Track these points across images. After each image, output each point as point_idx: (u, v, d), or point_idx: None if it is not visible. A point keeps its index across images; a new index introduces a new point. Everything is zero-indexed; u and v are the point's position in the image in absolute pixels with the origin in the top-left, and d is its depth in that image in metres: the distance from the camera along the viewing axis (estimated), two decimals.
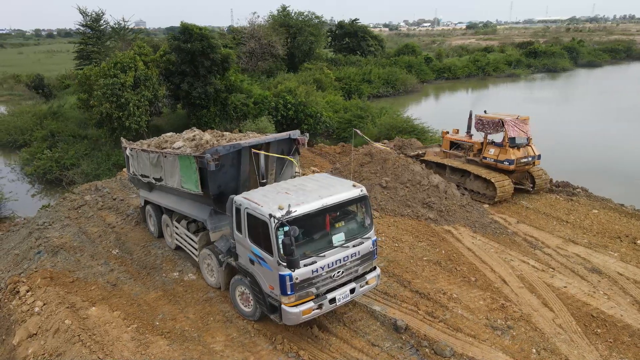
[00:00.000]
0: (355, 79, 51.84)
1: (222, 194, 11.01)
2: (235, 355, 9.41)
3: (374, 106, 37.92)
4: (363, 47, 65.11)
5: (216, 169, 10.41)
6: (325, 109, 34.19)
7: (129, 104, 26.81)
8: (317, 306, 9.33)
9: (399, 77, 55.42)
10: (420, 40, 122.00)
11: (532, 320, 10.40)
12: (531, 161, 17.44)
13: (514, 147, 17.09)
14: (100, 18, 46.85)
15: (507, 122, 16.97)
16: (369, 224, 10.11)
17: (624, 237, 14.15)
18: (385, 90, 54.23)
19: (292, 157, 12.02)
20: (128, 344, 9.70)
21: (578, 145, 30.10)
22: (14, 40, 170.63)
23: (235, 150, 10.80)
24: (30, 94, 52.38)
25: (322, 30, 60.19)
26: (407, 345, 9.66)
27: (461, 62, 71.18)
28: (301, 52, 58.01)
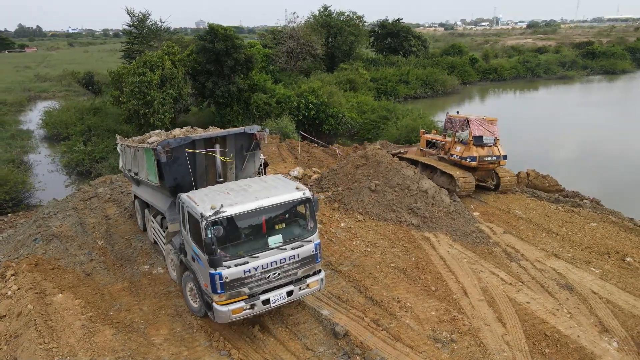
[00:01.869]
0: (392, 79, 51.34)
1: (179, 186, 11.30)
2: (172, 349, 9.71)
3: (402, 108, 37.35)
4: (405, 47, 64.29)
5: (169, 161, 10.75)
6: (350, 110, 34.10)
7: (154, 101, 27.97)
8: (249, 306, 9.45)
9: (438, 78, 54.15)
10: (472, 40, 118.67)
11: (480, 335, 10.00)
12: (496, 160, 18.10)
13: (478, 145, 17.94)
14: (146, 19, 48.99)
15: (472, 121, 18.00)
16: (311, 228, 10.10)
17: (613, 253, 13.25)
18: (423, 92, 53.23)
19: (250, 152, 12.06)
20: (77, 331, 10.24)
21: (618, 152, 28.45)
22: (83, 39, 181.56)
23: (191, 144, 11.06)
24: (84, 90, 55.78)
25: (363, 30, 59.95)
26: (341, 351, 9.58)
27: (509, 63, 68.66)
28: (341, 52, 58.13)
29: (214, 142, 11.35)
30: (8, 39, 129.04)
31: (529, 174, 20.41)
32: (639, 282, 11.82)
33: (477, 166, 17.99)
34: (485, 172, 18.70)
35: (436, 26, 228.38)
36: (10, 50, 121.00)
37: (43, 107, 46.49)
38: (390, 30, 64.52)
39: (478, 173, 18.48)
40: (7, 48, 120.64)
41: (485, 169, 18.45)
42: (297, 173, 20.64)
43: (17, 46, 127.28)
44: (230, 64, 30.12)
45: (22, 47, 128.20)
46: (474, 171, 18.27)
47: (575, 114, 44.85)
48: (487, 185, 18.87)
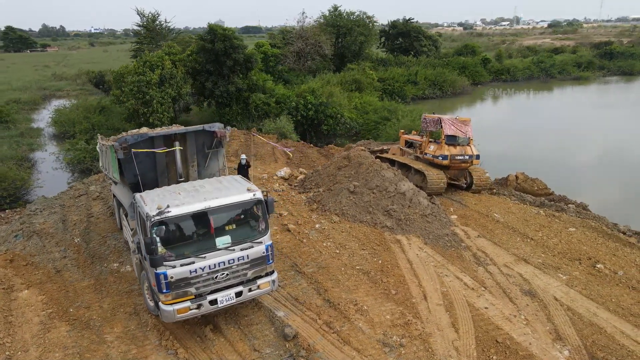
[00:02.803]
0: (400, 80, 50.91)
1: (139, 182, 11.44)
2: (121, 347, 9.84)
3: (405, 108, 37.06)
4: (416, 48, 63.72)
5: (127, 157, 10.89)
6: (350, 111, 33.98)
7: (153, 100, 28.34)
8: (196, 306, 9.52)
9: (447, 78, 53.58)
10: (489, 40, 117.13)
11: (430, 340, 9.89)
12: (468, 160, 18.36)
13: (450, 144, 18.29)
14: (155, 19, 49.70)
15: (444, 120, 18.31)
16: (263, 229, 10.12)
17: (585, 259, 12.95)
18: (431, 92, 52.74)
19: (211, 150, 12.07)
20: (34, 327, 10.45)
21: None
22: (104, 39, 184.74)
23: (149, 141, 11.18)
24: (96, 90, 56.82)
25: (373, 30, 59.68)
26: (287, 353, 9.58)
27: (523, 63, 67.51)
28: (350, 52, 57.96)
29: (173, 140, 11.43)
30: (30, 39, 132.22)
31: (518, 176, 20.10)
32: (604, 290, 11.54)
33: (449, 165, 18.32)
34: (458, 171, 18.97)
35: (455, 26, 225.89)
36: (33, 49, 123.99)
37: (55, 105, 47.57)
38: (401, 30, 64.09)
39: (451, 172, 18.75)
40: (29, 47, 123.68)
41: (458, 168, 18.72)
42: (284, 173, 20.66)
43: (39, 46, 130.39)
44: (229, 64, 30.33)
45: (44, 46, 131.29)
46: (447, 170, 18.55)
47: (586, 115, 43.92)
48: (459, 184, 18.97)
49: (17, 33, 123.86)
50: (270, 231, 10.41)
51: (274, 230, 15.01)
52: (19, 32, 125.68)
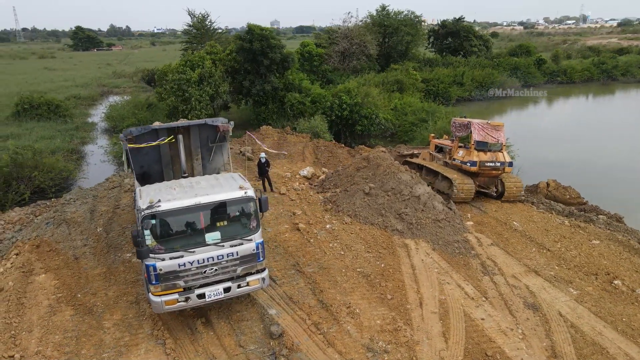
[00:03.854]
0: (445, 81, 49.68)
1: (146, 174, 11.88)
2: (116, 334, 10.29)
3: (445, 110, 36.14)
4: (466, 48, 61.97)
5: (133, 149, 11.34)
6: (386, 111, 33.55)
7: (192, 98, 29.26)
8: (184, 299, 9.78)
9: (495, 79, 51.76)
10: (550, 40, 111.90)
11: (417, 348, 9.65)
12: (499, 167, 17.52)
13: (480, 150, 17.45)
14: (205, 19, 51.24)
15: (473, 125, 17.52)
16: (254, 227, 10.23)
17: (603, 274, 12.16)
18: (478, 94, 51.16)
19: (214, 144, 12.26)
20: (42, 309, 11.12)
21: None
22: (165, 39, 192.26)
23: (154, 134, 11.57)
24: (149, 87, 59.36)
25: (420, 29, 58.69)
26: (270, 352, 9.66)
27: (582, 64, 64.01)
28: (397, 52, 57.31)
29: (177, 133, 11.75)
30: (97, 38, 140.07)
31: (549, 184, 19.14)
32: (617, 308, 10.80)
33: (478, 171, 17.50)
34: (489, 178, 18.01)
35: (515, 25, 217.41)
36: (99, 48, 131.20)
37: (111, 101, 50.11)
38: (450, 30, 62.50)
39: (480, 179, 17.87)
40: (96, 46, 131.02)
41: (488, 176, 17.83)
42: (307, 173, 20.76)
43: (105, 45, 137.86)
44: (266, 63, 30.78)
45: (109, 45, 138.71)
46: (475, 177, 17.68)
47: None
48: (489, 193, 18.02)
49: (85, 33, 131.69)
50: (271, 230, 10.51)
51: (284, 229, 15.16)
52: (87, 32, 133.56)
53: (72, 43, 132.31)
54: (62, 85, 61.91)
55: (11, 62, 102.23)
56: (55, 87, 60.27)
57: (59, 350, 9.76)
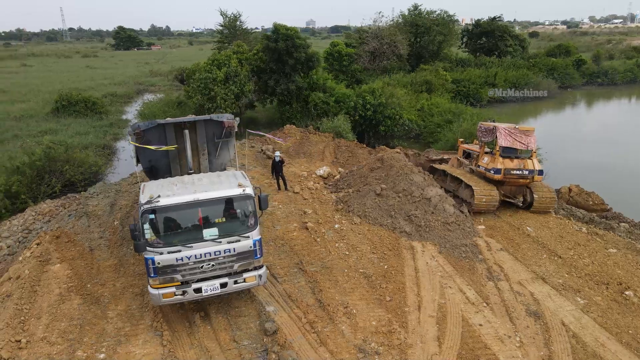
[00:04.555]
0: (477, 81, 48.70)
1: (154, 168, 12.23)
2: (118, 324, 10.64)
3: (472, 112, 35.46)
4: (500, 48, 60.54)
5: (140, 143, 11.68)
6: (409, 112, 33.18)
7: (217, 97, 29.82)
8: (181, 293, 10.03)
9: (529, 80, 50.34)
10: (593, 39, 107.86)
11: (409, 351, 9.57)
12: (527, 175, 16.24)
13: (506, 157, 16.28)
14: (237, 19, 52.06)
15: (499, 129, 16.39)
16: (251, 224, 10.37)
17: (615, 284, 11.69)
18: (510, 95, 49.90)
19: (220, 139, 12.45)
20: (52, 297, 11.61)
21: None
22: (203, 38, 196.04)
23: (161, 128, 11.88)
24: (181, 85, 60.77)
25: (453, 29, 57.78)
26: (262, 348, 9.78)
27: (625, 65, 61.43)
28: (428, 52, 56.64)
29: (183, 128, 12.03)
30: (138, 38, 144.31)
31: (572, 189, 18.52)
32: (625, 319, 10.37)
33: (503, 180, 16.32)
34: (516, 187, 16.85)
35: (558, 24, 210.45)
36: (139, 48, 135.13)
37: (145, 99, 51.58)
38: (485, 29, 61.20)
39: (505, 188, 16.74)
40: (136, 46, 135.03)
41: (514, 184, 16.64)
42: (323, 172, 20.81)
43: (145, 44, 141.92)
44: (290, 62, 31.03)
45: (149, 45, 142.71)
46: (500, 185, 16.61)
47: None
48: (515, 202, 16.91)
49: (126, 33, 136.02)
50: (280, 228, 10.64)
51: (292, 227, 15.27)
52: (128, 32, 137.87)
53: (114, 42, 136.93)
54: (101, 83, 64.17)
55: (57, 60, 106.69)
56: (94, 84, 62.54)
57: (63, 337, 10.18)
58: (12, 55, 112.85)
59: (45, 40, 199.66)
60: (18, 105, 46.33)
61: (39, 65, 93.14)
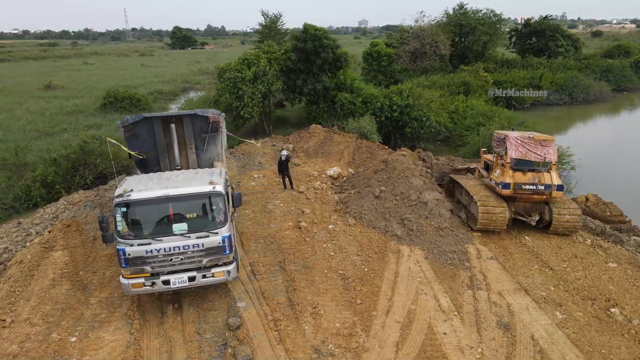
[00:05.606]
0: (520, 83, 46.86)
1: (144, 160, 12.75)
2: (97, 310, 11.20)
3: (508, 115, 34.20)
4: (551, 48, 57.81)
5: (128, 135, 12.24)
6: (438, 114, 32.44)
7: (245, 95, 30.46)
8: (150, 284, 10.43)
9: (579, 82, 47.84)
10: None
11: (364, 355, 9.50)
12: (543, 191, 14.20)
13: (518, 170, 14.42)
14: (277, 19, 52.80)
15: (509, 139, 14.64)
16: (221, 221, 10.62)
17: (603, 300, 11.02)
18: (557, 98, 47.68)
19: (207, 134, 12.73)
20: (45, 282, 12.39)
21: None
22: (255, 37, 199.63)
23: (149, 122, 12.35)
24: None
25: (499, 29, 55.84)
26: (222, 342, 10.01)
27: None
28: (472, 52, 55.09)
29: (169, 122, 12.44)
30: (192, 37, 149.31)
31: (589, 198, 17.54)
32: (601, 338, 9.78)
33: (513, 195, 14.44)
34: (531, 204, 14.81)
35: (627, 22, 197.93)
36: (194, 47, 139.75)
37: (189, 97, 53.41)
38: (534, 29, 58.66)
39: (518, 204, 14.82)
40: (190, 45, 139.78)
41: (528, 201, 14.65)
42: (333, 172, 20.82)
43: (200, 44, 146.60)
44: (318, 62, 31.15)
45: (203, 44, 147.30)
46: (512, 201, 14.75)
47: None
48: (528, 221, 14.65)
49: (182, 32, 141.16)
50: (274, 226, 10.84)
51: (287, 226, 15.43)
52: (184, 32, 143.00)
53: (171, 42, 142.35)
54: (152, 81, 66.98)
55: (116, 59, 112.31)
56: (145, 82, 65.42)
57: (44, 319, 10.85)
58: (76, 54, 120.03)
59: (110, 39, 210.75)
60: (72, 101, 49.16)
61: (99, 63, 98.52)
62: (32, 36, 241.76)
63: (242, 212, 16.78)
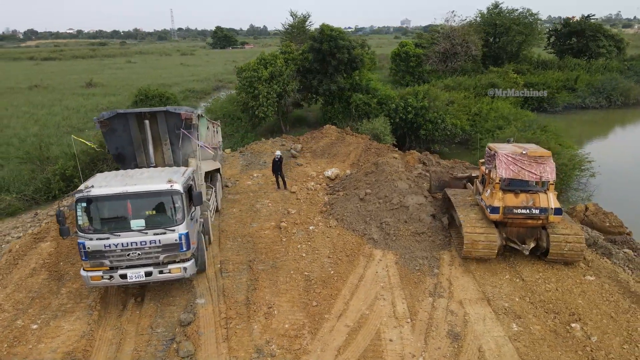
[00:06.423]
0: (553, 85, 45.07)
1: (121, 155, 13.17)
2: (64, 300, 11.68)
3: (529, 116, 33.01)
4: (592, 49, 55.26)
5: (104, 130, 12.68)
6: (456, 117, 31.66)
7: (260, 95, 30.83)
8: (108, 277, 10.79)
9: (618, 85, 45.51)
10: None
11: (303, 357, 9.50)
12: (538, 215, 12.22)
13: (510, 190, 12.43)
14: (306, 19, 52.99)
15: (499, 156, 12.52)
16: (179, 219, 10.85)
17: (567, 314, 10.52)
18: (594, 101, 45.54)
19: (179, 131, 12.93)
20: (26, 271, 13.03)
21: None
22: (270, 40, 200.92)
23: (124, 118, 12.72)
24: None
25: (536, 29, 53.91)
26: (170, 336, 10.24)
27: None
28: (506, 53, 53.50)
29: (143, 118, 12.76)
30: (233, 37, 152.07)
31: (588, 207, 16.73)
32: (552, 353, 9.33)
33: (502, 220, 12.56)
34: (525, 229, 12.84)
35: None
36: (234, 46, 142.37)
37: (220, 95, 54.56)
38: (574, 29, 56.26)
39: (510, 230, 12.87)
40: (231, 44, 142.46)
41: (521, 226, 12.73)
42: (331, 173, 20.78)
43: (240, 43, 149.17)
44: (333, 63, 31.13)
45: (243, 44, 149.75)
46: (503, 227, 12.87)
47: None
48: (521, 250, 12.76)
49: (223, 32, 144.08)
50: (256, 225, 11.06)
51: (268, 225, 15.56)
52: (225, 32, 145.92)
53: (212, 41, 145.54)
54: (187, 80, 68.74)
55: (158, 58, 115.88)
56: (181, 80, 67.22)
57: (14, 306, 11.43)
58: (122, 53, 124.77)
59: (157, 39, 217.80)
60: (108, 98, 51.17)
61: (142, 62, 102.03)
62: (85, 36, 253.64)
63: (229, 210, 17.06)
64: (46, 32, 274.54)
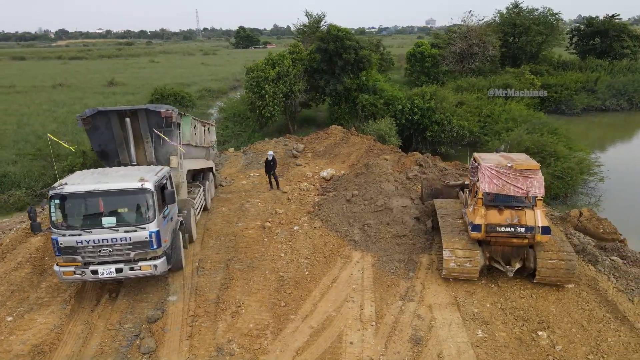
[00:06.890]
0: (572, 87, 43.95)
1: (104, 152, 13.43)
2: (42, 294, 11.96)
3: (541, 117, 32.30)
4: (616, 49, 53.69)
5: (87, 128, 12.94)
6: (466, 117, 31.18)
7: (266, 95, 31.02)
8: (80, 272, 11.01)
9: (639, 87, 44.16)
10: None
11: (261, 357, 9.52)
12: (524, 233, 11.21)
13: (493, 206, 11.49)
14: (321, 20, 53.04)
15: (482, 169, 11.55)
16: (149, 217, 11.00)
17: (535, 322, 10.24)
18: (614, 103, 44.26)
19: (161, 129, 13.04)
20: (11, 264, 13.42)
21: None
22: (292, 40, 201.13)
23: (106, 116, 12.94)
24: None
25: (556, 29, 52.68)
26: (136, 332, 10.39)
27: None
28: (525, 54, 52.45)
29: (124, 116, 12.96)
30: (255, 37, 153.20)
31: (582, 213, 16.24)
32: None
33: (485, 239, 11.66)
34: (511, 248, 11.86)
35: None
36: (256, 46, 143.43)
37: (235, 95, 55.06)
38: (597, 28, 54.70)
39: (495, 249, 11.92)
40: (253, 44, 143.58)
41: (506, 244, 11.77)
42: (326, 174, 20.72)
43: (262, 43, 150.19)
44: (340, 63, 31.06)
45: (265, 44, 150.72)
46: (487, 245, 11.93)
47: None
48: (505, 271, 11.79)
49: (246, 32, 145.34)
50: (241, 224, 11.20)
51: (253, 225, 15.64)
52: (247, 32, 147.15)
53: (235, 41, 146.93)
54: (205, 79, 69.54)
55: (181, 57, 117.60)
56: (199, 80, 68.04)
57: None
58: (146, 52, 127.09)
59: (182, 39, 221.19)
60: (126, 97, 52.12)
61: (165, 61, 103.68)
62: (113, 36, 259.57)
63: (219, 209, 17.22)
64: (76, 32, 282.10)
